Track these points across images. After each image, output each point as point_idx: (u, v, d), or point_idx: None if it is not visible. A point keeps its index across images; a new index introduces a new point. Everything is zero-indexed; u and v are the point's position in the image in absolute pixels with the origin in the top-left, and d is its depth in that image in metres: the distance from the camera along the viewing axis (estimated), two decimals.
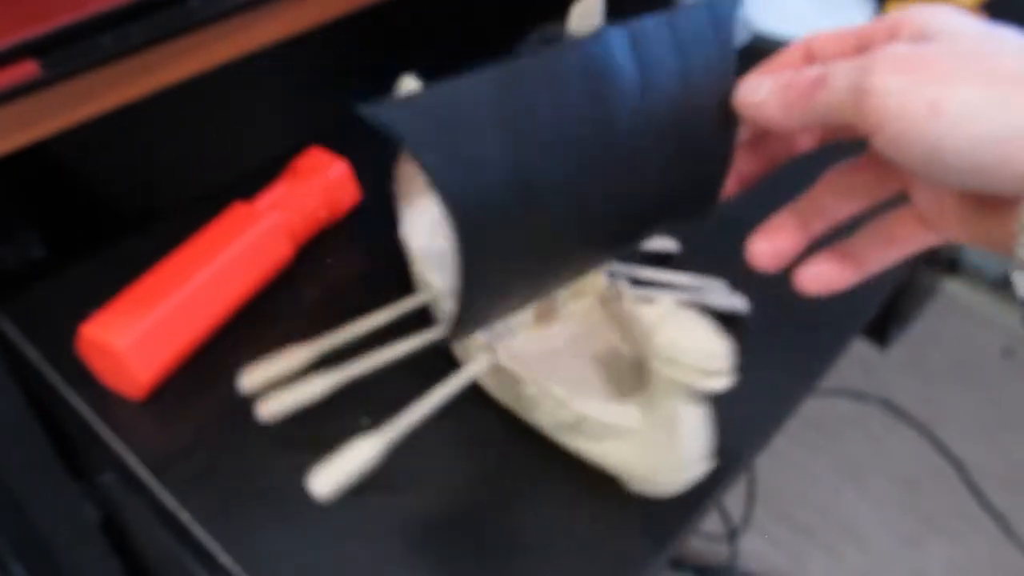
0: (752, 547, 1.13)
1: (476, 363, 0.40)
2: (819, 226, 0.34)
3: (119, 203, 0.57)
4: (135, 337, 0.42)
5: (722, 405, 0.45)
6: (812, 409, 1.25)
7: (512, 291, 0.33)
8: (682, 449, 0.36)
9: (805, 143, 0.34)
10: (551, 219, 0.30)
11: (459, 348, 0.44)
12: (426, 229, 0.47)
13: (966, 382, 1.32)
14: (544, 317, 0.44)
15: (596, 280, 0.44)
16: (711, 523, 1.15)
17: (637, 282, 0.46)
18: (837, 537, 1.14)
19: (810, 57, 0.32)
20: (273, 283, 0.49)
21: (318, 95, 0.65)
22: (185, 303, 0.44)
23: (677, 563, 1.11)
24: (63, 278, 0.50)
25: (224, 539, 0.38)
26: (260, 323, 0.48)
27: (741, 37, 0.65)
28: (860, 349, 1.35)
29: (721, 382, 0.33)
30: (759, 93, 0.31)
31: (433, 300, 0.44)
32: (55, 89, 0.39)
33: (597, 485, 0.40)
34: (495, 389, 0.43)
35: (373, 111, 0.25)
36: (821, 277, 0.33)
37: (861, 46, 0.30)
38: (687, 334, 0.33)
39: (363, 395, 0.42)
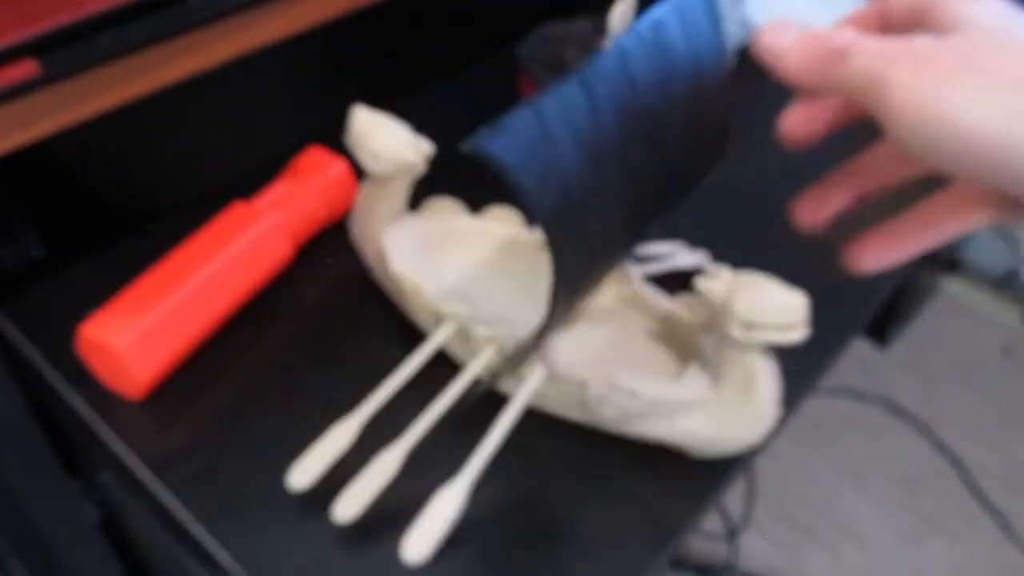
0: (752, 546, 1.13)
1: (533, 380, 0.40)
2: (868, 187, 0.34)
3: (119, 203, 0.57)
4: (134, 337, 0.42)
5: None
6: (812, 409, 1.25)
7: (590, 277, 0.37)
8: (762, 403, 0.39)
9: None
10: (615, 199, 0.34)
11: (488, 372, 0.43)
12: (413, 257, 0.46)
13: (966, 382, 1.32)
14: (569, 322, 0.44)
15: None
16: (711, 523, 1.15)
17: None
18: (837, 537, 1.14)
19: (885, 19, 0.31)
20: (273, 282, 0.49)
21: (318, 94, 0.65)
22: (185, 303, 0.44)
23: (677, 562, 1.11)
24: (63, 278, 0.50)
25: (224, 539, 0.38)
26: (260, 322, 0.48)
27: (741, 36, 0.65)
28: (860, 349, 1.35)
29: (801, 332, 0.35)
30: (782, 40, 0.30)
31: (458, 332, 0.43)
32: (55, 88, 0.39)
33: (596, 485, 0.40)
34: (549, 399, 0.42)
35: (475, 146, 0.27)
36: (875, 254, 0.33)
37: (911, 22, 0.29)
38: (762, 296, 0.35)
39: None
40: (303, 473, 0.38)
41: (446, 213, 0.50)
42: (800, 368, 0.47)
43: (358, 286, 0.50)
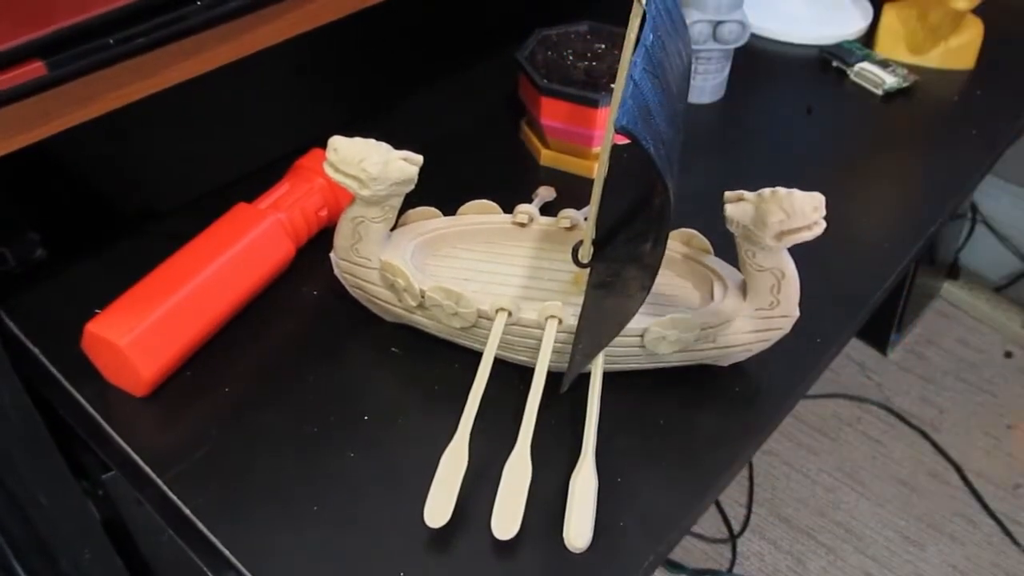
0: (752, 549, 1.13)
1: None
2: None
3: (122, 204, 0.57)
4: (137, 334, 0.42)
5: (716, 407, 0.46)
6: (812, 411, 1.25)
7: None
8: (790, 301, 0.43)
9: None
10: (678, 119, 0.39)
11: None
12: (419, 272, 0.46)
13: (966, 385, 1.32)
14: None
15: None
16: (711, 526, 1.15)
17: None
18: (837, 539, 1.14)
19: None
20: (275, 281, 0.50)
21: (320, 97, 0.66)
22: (188, 301, 0.45)
23: (677, 566, 1.12)
24: (68, 278, 0.51)
25: (226, 534, 0.39)
26: (262, 320, 0.48)
27: (741, 36, 0.66)
28: (861, 352, 1.36)
29: (822, 225, 0.39)
30: None
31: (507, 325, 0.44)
32: (61, 90, 0.39)
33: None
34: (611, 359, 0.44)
35: (618, 121, 0.32)
36: None
37: None
38: (788, 204, 0.38)
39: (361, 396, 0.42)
40: (437, 511, 0.37)
41: (424, 220, 0.49)
42: (796, 369, 0.47)
43: None
